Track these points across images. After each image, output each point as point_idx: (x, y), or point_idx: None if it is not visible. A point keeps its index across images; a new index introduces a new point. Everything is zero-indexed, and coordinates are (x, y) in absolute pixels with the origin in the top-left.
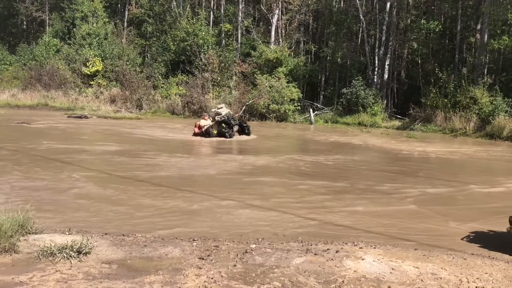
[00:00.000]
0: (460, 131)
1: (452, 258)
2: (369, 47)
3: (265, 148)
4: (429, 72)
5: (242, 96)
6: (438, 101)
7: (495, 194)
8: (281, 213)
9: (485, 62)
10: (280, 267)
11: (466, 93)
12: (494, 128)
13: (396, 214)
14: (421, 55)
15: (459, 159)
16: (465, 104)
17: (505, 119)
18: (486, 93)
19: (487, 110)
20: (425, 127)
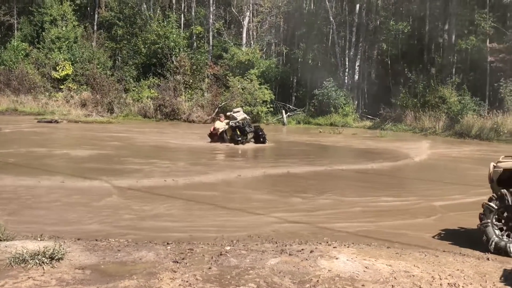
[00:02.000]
0: (430, 130)
1: (424, 255)
2: (339, 48)
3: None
4: (398, 73)
5: (214, 98)
6: (408, 101)
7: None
8: (255, 215)
9: (453, 62)
10: (255, 268)
11: (435, 92)
12: (463, 127)
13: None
14: (390, 56)
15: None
16: (434, 103)
17: (473, 117)
18: (455, 93)
19: (455, 109)
20: (396, 126)
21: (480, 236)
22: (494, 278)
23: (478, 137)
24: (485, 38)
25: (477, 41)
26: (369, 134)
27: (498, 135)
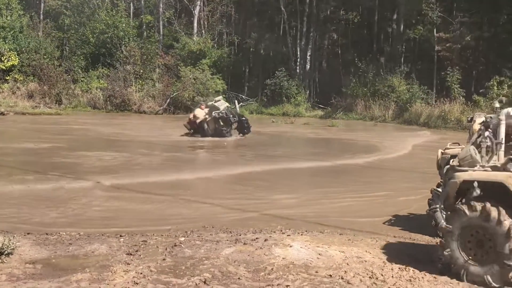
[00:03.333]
0: (379, 118)
1: (375, 241)
2: (291, 38)
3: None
4: (349, 62)
5: (166, 89)
6: (358, 90)
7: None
8: (210, 205)
9: (402, 51)
10: (209, 258)
11: (385, 82)
12: (411, 115)
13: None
14: (341, 46)
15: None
16: (383, 92)
17: (421, 106)
18: (403, 82)
19: (404, 98)
20: (347, 115)
21: (429, 221)
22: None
23: (426, 125)
24: (432, 27)
25: (425, 31)
26: (320, 123)
27: (446, 122)
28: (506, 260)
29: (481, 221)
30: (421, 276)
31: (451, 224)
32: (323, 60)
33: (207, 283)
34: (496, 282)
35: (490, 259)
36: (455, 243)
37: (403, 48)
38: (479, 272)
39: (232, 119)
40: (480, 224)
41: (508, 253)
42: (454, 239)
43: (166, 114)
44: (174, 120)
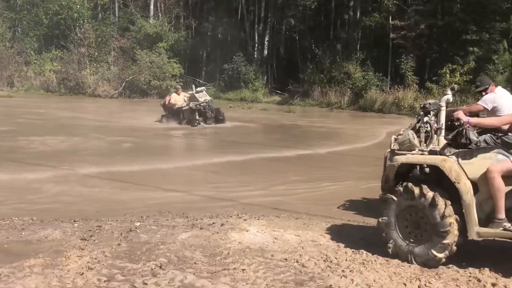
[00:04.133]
0: (335, 105)
1: (330, 225)
2: (248, 23)
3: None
4: (306, 48)
5: (121, 72)
6: (315, 77)
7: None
8: (165, 191)
9: (358, 38)
10: (166, 243)
11: (341, 68)
12: (366, 102)
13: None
14: (298, 32)
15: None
16: (340, 79)
17: (376, 93)
18: (359, 68)
19: (360, 85)
20: (304, 101)
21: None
22: None
23: (381, 111)
24: (387, 15)
25: (380, 18)
26: (278, 109)
27: (399, 109)
28: (441, 227)
29: (409, 201)
30: (374, 259)
31: (386, 215)
32: (281, 45)
33: (163, 267)
34: (439, 252)
35: (428, 234)
36: (394, 232)
37: (359, 35)
38: (423, 250)
39: (210, 114)
40: (409, 204)
41: (440, 220)
42: (392, 228)
43: (122, 98)
44: (131, 104)
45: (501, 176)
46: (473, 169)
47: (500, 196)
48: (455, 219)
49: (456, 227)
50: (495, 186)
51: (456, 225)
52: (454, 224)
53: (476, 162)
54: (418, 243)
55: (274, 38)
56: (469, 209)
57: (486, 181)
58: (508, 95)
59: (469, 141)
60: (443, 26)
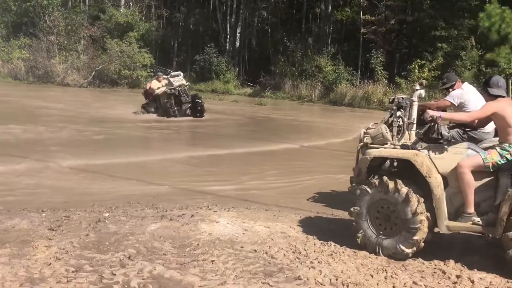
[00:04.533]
0: (306, 98)
1: (299, 217)
2: (221, 14)
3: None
4: (278, 41)
5: (91, 61)
6: (287, 70)
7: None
8: (135, 182)
9: (329, 32)
10: (134, 234)
11: (312, 62)
12: (337, 95)
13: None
14: (270, 24)
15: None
16: (311, 72)
17: (346, 86)
18: (330, 62)
19: (330, 78)
20: (275, 94)
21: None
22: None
23: (351, 105)
24: (358, 10)
25: (352, 13)
26: (249, 101)
27: (369, 103)
28: (411, 224)
29: (382, 194)
30: (342, 250)
31: (358, 205)
32: (253, 38)
33: (132, 258)
34: (407, 248)
35: (398, 228)
36: (365, 223)
37: (330, 29)
38: (392, 244)
39: (184, 98)
40: (382, 197)
41: (411, 217)
42: (363, 219)
43: (91, 87)
44: (101, 93)
45: (471, 171)
46: (443, 164)
47: (470, 191)
48: (426, 216)
49: (426, 224)
50: (465, 181)
51: (427, 223)
52: (424, 222)
53: (447, 157)
54: (387, 236)
55: (246, 30)
56: (439, 203)
57: (456, 176)
58: (475, 91)
59: (440, 136)
60: (412, 22)
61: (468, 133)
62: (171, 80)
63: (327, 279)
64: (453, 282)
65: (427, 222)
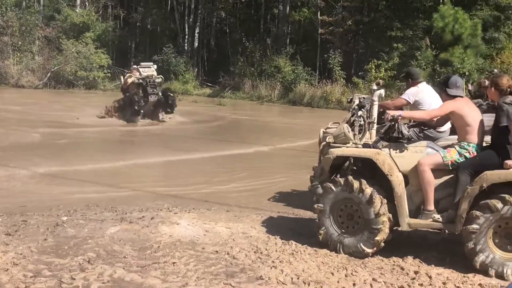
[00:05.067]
0: (266, 98)
1: (261, 217)
2: (178, 14)
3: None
4: (237, 41)
5: (46, 62)
6: (246, 70)
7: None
8: (94, 185)
9: (287, 32)
10: (94, 237)
11: (271, 62)
12: (296, 95)
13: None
14: (229, 25)
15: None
16: (270, 72)
17: (305, 86)
18: (289, 62)
19: (289, 79)
20: (234, 94)
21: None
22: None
23: (310, 105)
24: (316, 10)
25: (309, 13)
26: (208, 101)
27: (327, 103)
28: (373, 224)
29: (346, 193)
30: (303, 249)
31: (322, 202)
32: (212, 38)
33: (91, 262)
34: (368, 248)
35: (360, 228)
36: (328, 220)
37: (288, 30)
38: (353, 242)
39: (151, 90)
40: (346, 196)
41: (373, 218)
42: (326, 216)
43: (47, 89)
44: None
45: (430, 169)
46: (404, 162)
47: (430, 189)
48: (388, 218)
49: (388, 225)
50: (425, 178)
51: (388, 224)
52: (386, 223)
53: (407, 156)
54: (349, 235)
55: (204, 30)
56: (400, 201)
57: (416, 174)
58: (430, 90)
59: (401, 135)
60: (369, 23)
61: (424, 131)
62: (140, 70)
63: (289, 278)
64: (412, 278)
65: (389, 223)
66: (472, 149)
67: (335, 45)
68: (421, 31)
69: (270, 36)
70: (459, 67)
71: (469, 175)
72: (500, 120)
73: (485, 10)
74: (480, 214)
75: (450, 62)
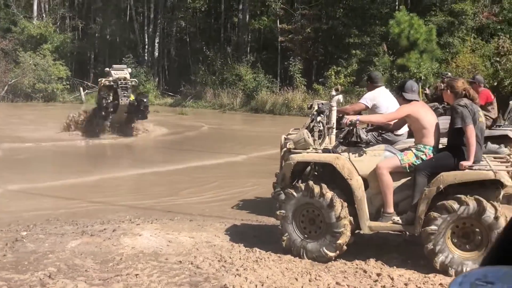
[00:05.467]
0: (228, 106)
1: (224, 225)
2: (138, 24)
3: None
4: (197, 50)
5: (3, 75)
6: (207, 78)
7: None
8: (53, 198)
9: (248, 41)
10: (54, 252)
11: (232, 70)
12: (258, 103)
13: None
14: (189, 34)
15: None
16: (231, 81)
17: (267, 94)
18: (250, 70)
19: (251, 86)
20: (196, 103)
21: (274, 203)
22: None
23: (272, 112)
24: (275, 19)
25: (269, 22)
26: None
27: (289, 110)
28: (335, 228)
29: (307, 199)
30: (267, 256)
31: (284, 208)
32: (172, 47)
33: (52, 277)
34: (331, 251)
35: (322, 232)
36: (290, 226)
37: (249, 38)
38: (316, 247)
39: (121, 93)
40: (308, 201)
41: (335, 221)
42: (289, 222)
43: (4, 102)
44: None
45: (389, 172)
46: (363, 166)
47: (389, 191)
48: (349, 221)
49: (350, 228)
50: (384, 182)
51: (350, 227)
52: (348, 226)
53: (366, 160)
54: (312, 239)
55: (164, 40)
56: (360, 204)
57: (375, 177)
58: (388, 94)
59: (359, 139)
60: (327, 30)
61: (382, 135)
62: (112, 72)
63: (253, 285)
64: (374, 280)
65: (350, 226)
66: (428, 151)
67: (295, 53)
68: (378, 37)
69: (231, 45)
70: (415, 71)
71: (426, 177)
72: (455, 122)
73: (439, 16)
74: (437, 215)
75: (406, 67)
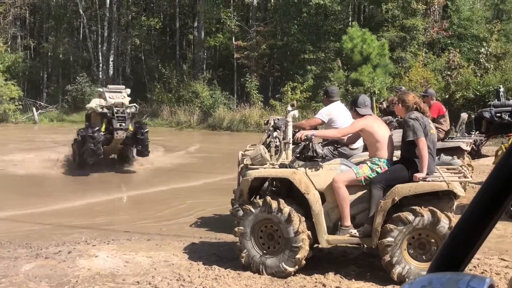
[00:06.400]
0: (185, 124)
1: (182, 244)
2: (91, 43)
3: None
4: (153, 68)
5: None
6: (163, 96)
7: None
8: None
9: (204, 58)
10: (7, 276)
11: (188, 87)
12: (215, 120)
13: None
14: (144, 52)
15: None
16: (188, 98)
17: (224, 111)
18: (206, 87)
19: (208, 103)
20: (153, 121)
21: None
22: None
23: (229, 129)
24: (231, 36)
25: (224, 39)
26: None
27: (247, 126)
28: (293, 243)
29: (265, 214)
30: (226, 273)
31: (242, 225)
32: (127, 65)
33: None
34: (290, 266)
35: (281, 247)
36: (249, 242)
37: (205, 55)
38: (275, 262)
39: (117, 123)
40: (266, 217)
41: (293, 236)
42: (247, 238)
43: None
44: None
45: (345, 185)
46: (320, 180)
47: (346, 205)
48: (308, 235)
49: (308, 243)
50: (340, 195)
51: (308, 241)
52: (306, 241)
53: (322, 174)
54: (271, 255)
55: (119, 58)
56: (318, 219)
57: (332, 191)
58: (342, 108)
59: (315, 154)
60: (283, 46)
61: (338, 149)
62: (107, 96)
63: None
64: None
65: (309, 240)
66: (383, 164)
67: (251, 69)
68: (333, 53)
69: (187, 62)
70: (369, 86)
71: (381, 189)
72: (407, 135)
73: (391, 31)
74: (393, 227)
75: (360, 81)
